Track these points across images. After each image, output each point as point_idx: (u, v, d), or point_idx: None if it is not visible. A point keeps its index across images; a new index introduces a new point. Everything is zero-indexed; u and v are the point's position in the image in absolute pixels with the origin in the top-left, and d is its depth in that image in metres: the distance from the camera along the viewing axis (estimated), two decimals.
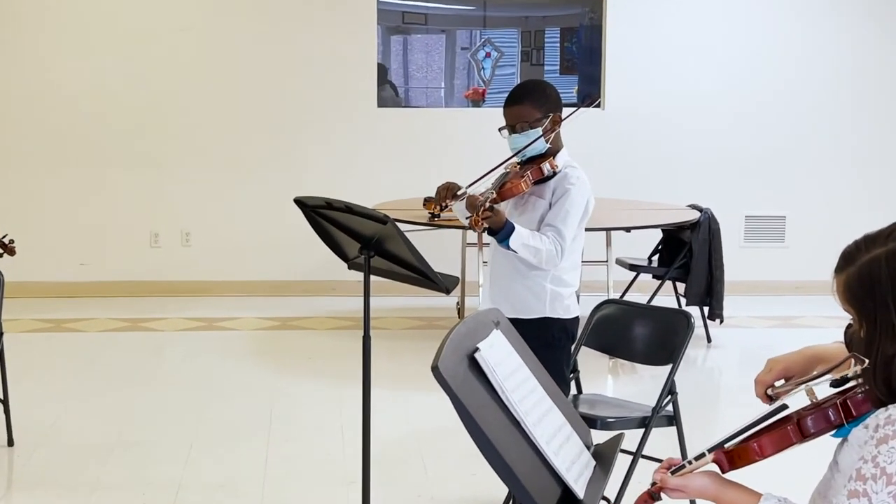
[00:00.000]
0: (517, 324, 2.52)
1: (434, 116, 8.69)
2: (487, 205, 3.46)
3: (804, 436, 1.94)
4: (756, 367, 2.25)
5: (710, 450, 2.00)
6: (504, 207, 3.62)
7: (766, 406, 2.07)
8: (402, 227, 3.29)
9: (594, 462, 2.31)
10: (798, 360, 2.21)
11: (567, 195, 3.60)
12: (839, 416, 1.92)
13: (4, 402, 4.75)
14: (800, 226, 8.25)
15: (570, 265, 3.69)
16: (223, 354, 6.47)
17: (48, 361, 6.27)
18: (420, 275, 3.31)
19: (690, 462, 2.01)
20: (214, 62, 7.87)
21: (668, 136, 8.13)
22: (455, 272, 6.30)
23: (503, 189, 3.58)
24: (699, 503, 2.17)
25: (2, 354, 4.69)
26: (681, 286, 6.86)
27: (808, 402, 1.99)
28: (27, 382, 5.65)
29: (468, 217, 3.52)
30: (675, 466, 2.03)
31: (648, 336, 3.89)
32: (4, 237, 4.68)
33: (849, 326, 2.02)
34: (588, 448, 2.34)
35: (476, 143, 7.23)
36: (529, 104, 3.64)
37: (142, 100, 7.83)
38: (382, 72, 8.96)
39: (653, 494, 2.03)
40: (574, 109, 3.81)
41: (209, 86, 7.87)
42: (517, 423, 2.07)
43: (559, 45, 11.76)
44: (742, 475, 1.98)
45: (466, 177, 3.80)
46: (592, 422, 3.59)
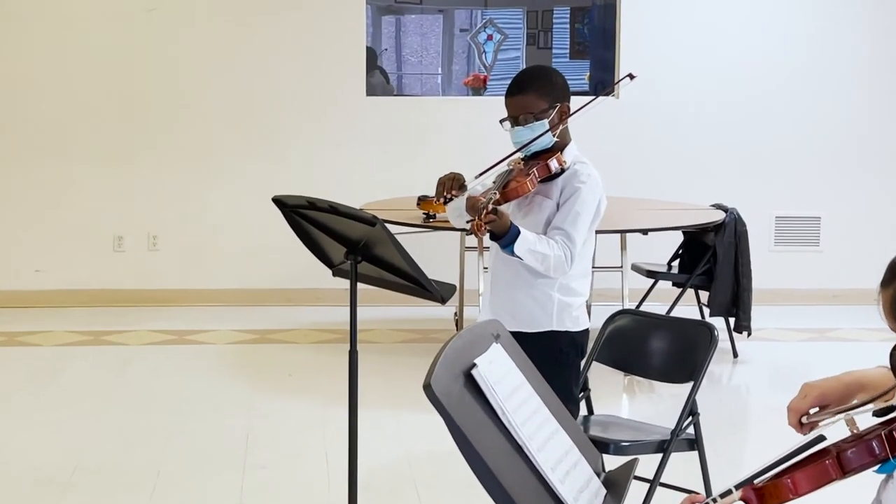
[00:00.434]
0: (520, 337, 2.53)
1: (430, 106, 8.71)
2: (490, 207, 3.41)
3: (844, 471, 1.92)
4: (788, 385, 2.26)
5: (738, 486, 2.00)
6: (507, 209, 3.60)
7: (800, 435, 2.06)
8: (393, 230, 3.30)
9: (605, 490, 2.31)
10: (836, 387, 2.19)
11: (577, 195, 3.60)
12: (884, 450, 1.90)
13: None
14: (836, 228, 8.25)
15: (580, 272, 3.69)
16: (194, 371, 6.47)
17: None
18: (413, 282, 3.32)
19: (715, 500, 2.00)
20: (183, 46, 7.87)
21: (690, 129, 8.13)
22: (452, 279, 6.31)
23: (507, 189, 3.56)
24: None
25: None
26: (704, 295, 6.87)
27: (849, 433, 1.98)
28: None
29: (468, 220, 3.49)
30: None
31: (667, 350, 3.90)
32: None
33: (895, 348, 2.01)
34: (598, 475, 2.35)
35: (477, 136, 7.24)
36: (534, 93, 3.63)
37: (103, 88, 7.83)
38: (372, 56, 8.99)
39: None
40: (591, 99, 3.76)
41: (179, 72, 7.88)
42: (519, 448, 2.08)
43: (569, 27, 11.80)
44: None
45: (465, 174, 3.74)
46: (605, 446, 3.60)
